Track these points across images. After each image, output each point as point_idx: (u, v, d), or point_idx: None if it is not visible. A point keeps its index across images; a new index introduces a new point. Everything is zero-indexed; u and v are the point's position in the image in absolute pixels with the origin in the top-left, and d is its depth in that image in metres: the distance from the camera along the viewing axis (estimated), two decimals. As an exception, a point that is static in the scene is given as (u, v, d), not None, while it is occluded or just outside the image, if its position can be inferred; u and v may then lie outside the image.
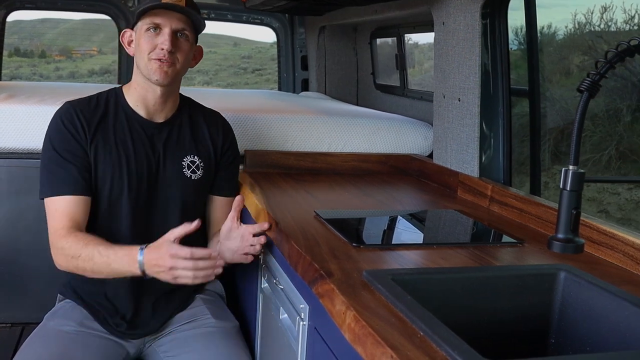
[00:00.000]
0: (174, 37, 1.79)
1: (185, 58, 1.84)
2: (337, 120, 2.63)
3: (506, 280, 1.37)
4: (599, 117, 6.93)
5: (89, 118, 1.83)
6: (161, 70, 1.78)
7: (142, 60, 1.81)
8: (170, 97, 1.91)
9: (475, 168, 2.18)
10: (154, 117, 1.90)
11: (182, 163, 1.91)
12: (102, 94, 1.92)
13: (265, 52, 13.69)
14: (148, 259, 1.65)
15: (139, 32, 1.82)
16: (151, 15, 1.78)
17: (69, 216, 1.78)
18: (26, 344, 1.79)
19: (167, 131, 1.91)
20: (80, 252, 1.71)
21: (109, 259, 1.69)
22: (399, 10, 2.68)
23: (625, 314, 1.23)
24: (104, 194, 1.83)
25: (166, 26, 1.78)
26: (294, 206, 1.94)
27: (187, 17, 1.80)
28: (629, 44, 1.14)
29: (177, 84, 1.92)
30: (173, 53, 1.79)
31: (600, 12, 7.13)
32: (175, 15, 1.78)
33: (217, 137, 2.00)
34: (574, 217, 1.18)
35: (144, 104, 1.88)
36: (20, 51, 13.50)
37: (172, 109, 1.93)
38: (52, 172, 1.80)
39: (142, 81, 1.85)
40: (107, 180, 1.82)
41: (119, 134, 1.85)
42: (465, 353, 0.97)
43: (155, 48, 1.78)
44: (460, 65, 2.19)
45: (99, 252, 1.69)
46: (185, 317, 1.94)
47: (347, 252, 1.48)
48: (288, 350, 1.59)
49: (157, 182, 1.88)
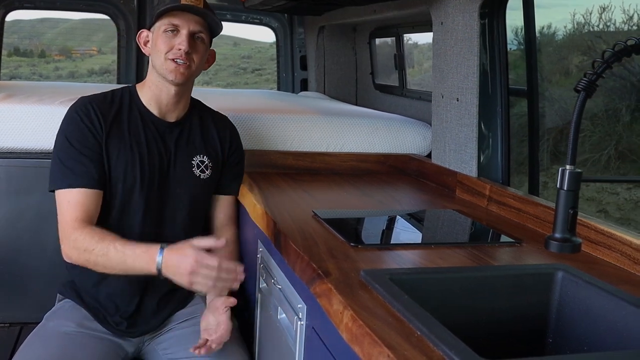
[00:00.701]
0: (191, 38, 1.82)
1: (200, 60, 1.87)
2: (336, 120, 2.63)
3: (504, 280, 1.37)
4: (598, 117, 6.93)
5: (105, 113, 1.84)
6: (177, 71, 1.81)
7: (159, 60, 1.83)
8: (183, 98, 1.93)
9: (473, 168, 2.18)
10: (166, 117, 1.92)
11: (192, 162, 1.94)
12: (116, 91, 1.93)
13: (264, 52, 13.68)
14: (168, 260, 1.64)
15: (156, 33, 1.84)
16: (169, 17, 1.81)
17: (82, 208, 1.76)
18: (25, 344, 1.79)
19: (178, 131, 1.94)
20: (95, 246, 1.70)
21: (124, 255, 1.68)
22: (398, 10, 2.69)
23: (622, 313, 1.24)
24: (117, 189, 1.83)
25: (184, 28, 1.81)
26: (292, 206, 1.94)
27: (204, 20, 1.84)
28: (626, 43, 1.14)
29: (190, 85, 1.94)
30: (189, 54, 1.82)
31: (599, 13, 7.13)
32: (193, 17, 1.82)
33: (225, 140, 2.03)
34: (571, 216, 1.18)
35: (157, 103, 1.90)
36: (19, 51, 13.48)
37: (183, 110, 1.96)
38: (67, 164, 1.79)
39: (157, 80, 1.88)
40: (121, 176, 1.83)
41: (133, 130, 1.87)
42: (463, 353, 0.97)
43: (173, 48, 1.81)
44: (458, 65, 2.20)
45: (114, 247, 1.69)
46: (185, 315, 1.95)
47: (345, 252, 1.48)
48: (286, 349, 1.59)
49: (167, 180, 1.90)
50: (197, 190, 1.95)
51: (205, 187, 1.98)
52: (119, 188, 1.83)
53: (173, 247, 1.65)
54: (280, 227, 1.66)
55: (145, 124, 1.89)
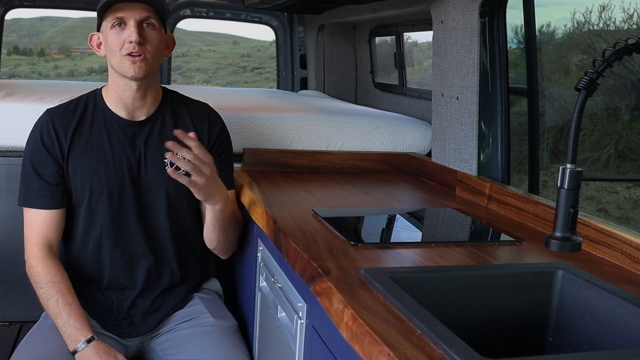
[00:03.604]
0: (140, 28, 1.75)
1: (155, 48, 1.79)
2: (336, 118, 2.63)
3: (504, 279, 1.37)
4: (598, 115, 6.93)
5: (66, 126, 1.83)
6: (134, 65, 1.75)
7: (115, 59, 1.78)
8: (150, 91, 1.87)
9: (473, 166, 2.18)
10: (135, 116, 1.88)
11: (165, 160, 1.86)
12: (82, 97, 1.91)
13: (264, 51, 13.66)
14: (86, 354, 1.69)
15: (105, 32, 1.79)
16: (113, 11, 1.75)
17: (42, 232, 1.82)
18: (24, 342, 1.80)
19: (148, 129, 1.88)
20: (43, 286, 1.78)
21: (59, 316, 1.74)
22: (398, 8, 2.68)
23: (622, 312, 1.24)
24: (83, 200, 1.84)
25: (130, 18, 1.74)
26: (292, 204, 1.94)
27: (149, 5, 1.76)
28: (627, 42, 1.14)
29: (155, 76, 1.88)
30: (142, 44, 1.75)
31: (599, 11, 7.13)
32: (137, 5, 1.74)
33: (202, 130, 1.94)
34: (572, 215, 1.18)
35: (123, 103, 1.85)
36: (19, 49, 13.47)
37: (153, 104, 1.90)
38: (28, 183, 1.84)
39: (117, 80, 1.83)
40: (87, 186, 1.83)
41: (96, 137, 1.85)
42: (463, 351, 0.97)
43: (124, 43, 1.75)
44: (458, 64, 2.19)
45: (56, 301, 1.75)
46: (184, 315, 1.94)
47: (345, 251, 1.48)
48: (286, 348, 1.59)
49: (140, 182, 1.87)
50: (173, 190, 1.87)
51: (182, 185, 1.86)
52: (85, 198, 1.84)
53: (101, 346, 1.70)
54: (280, 226, 1.66)
55: (110, 129, 1.85)
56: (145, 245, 1.88)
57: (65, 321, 1.73)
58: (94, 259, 1.88)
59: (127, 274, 1.88)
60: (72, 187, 1.84)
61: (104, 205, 1.84)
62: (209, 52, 14.78)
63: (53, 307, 1.76)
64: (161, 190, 1.88)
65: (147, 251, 1.89)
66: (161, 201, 1.89)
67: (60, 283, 1.78)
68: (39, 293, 1.80)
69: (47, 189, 1.82)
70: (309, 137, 2.55)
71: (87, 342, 1.71)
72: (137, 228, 1.87)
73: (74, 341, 1.71)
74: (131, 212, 1.87)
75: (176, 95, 1.99)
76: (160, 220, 1.89)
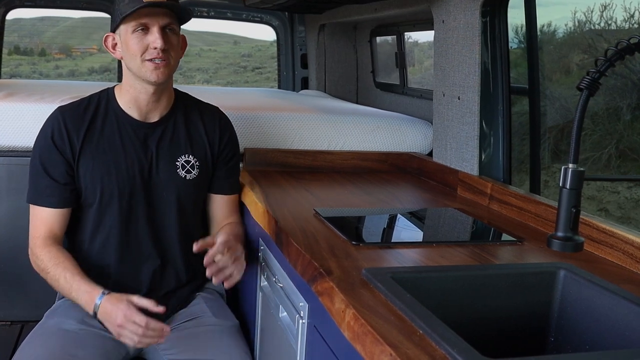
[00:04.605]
0: (163, 33, 1.75)
1: (177, 53, 1.81)
2: (337, 118, 2.63)
3: (506, 279, 1.37)
4: (599, 115, 6.93)
5: (78, 125, 1.82)
6: (157, 71, 1.75)
7: (135, 63, 1.77)
8: (164, 94, 1.87)
9: (474, 166, 2.17)
10: (148, 117, 1.88)
11: (177, 163, 1.88)
12: (93, 96, 1.89)
13: (265, 51, 13.67)
14: (103, 307, 1.69)
15: (124, 36, 1.77)
16: (136, 16, 1.73)
17: (47, 227, 1.83)
18: (26, 342, 1.79)
19: (160, 130, 1.88)
20: (49, 270, 1.78)
21: (71, 288, 1.74)
22: (399, 8, 2.68)
23: (624, 312, 1.23)
24: (94, 201, 1.84)
25: (154, 24, 1.74)
26: (294, 204, 1.94)
27: (171, 10, 1.76)
28: (629, 42, 1.13)
29: (170, 80, 1.89)
30: (166, 51, 1.75)
31: (600, 11, 7.12)
32: (160, 11, 1.74)
33: (213, 134, 1.96)
34: (574, 215, 1.18)
35: (137, 105, 1.85)
36: (20, 49, 13.49)
37: (166, 107, 1.90)
38: (37, 181, 1.83)
39: (134, 82, 1.82)
40: (98, 188, 1.82)
41: (108, 138, 1.84)
42: (465, 351, 0.97)
43: (147, 48, 1.74)
44: (460, 64, 2.19)
45: (64, 277, 1.75)
46: (186, 315, 1.94)
47: (346, 250, 1.48)
48: (288, 348, 1.59)
49: (151, 184, 1.87)
50: (183, 192, 1.89)
51: (193, 188, 1.92)
52: (96, 199, 1.83)
53: (113, 295, 1.70)
54: (282, 226, 1.65)
55: (122, 129, 1.85)
56: (153, 247, 1.88)
57: (77, 291, 1.73)
58: (100, 259, 1.88)
59: (132, 276, 1.88)
60: (82, 187, 1.83)
61: (114, 207, 1.84)
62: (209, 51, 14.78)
63: (63, 284, 1.75)
64: (171, 192, 1.88)
65: (153, 253, 1.88)
66: (171, 203, 1.89)
67: (64, 262, 1.77)
68: (48, 279, 1.79)
69: (55, 187, 1.81)
70: (310, 136, 2.55)
71: (101, 297, 1.70)
72: (145, 230, 1.87)
73: (90, 305, 1.71)
74: (140, 213, 1.86)
75: (187, 97, 2.00)
76: (169, 222, 1.89)
